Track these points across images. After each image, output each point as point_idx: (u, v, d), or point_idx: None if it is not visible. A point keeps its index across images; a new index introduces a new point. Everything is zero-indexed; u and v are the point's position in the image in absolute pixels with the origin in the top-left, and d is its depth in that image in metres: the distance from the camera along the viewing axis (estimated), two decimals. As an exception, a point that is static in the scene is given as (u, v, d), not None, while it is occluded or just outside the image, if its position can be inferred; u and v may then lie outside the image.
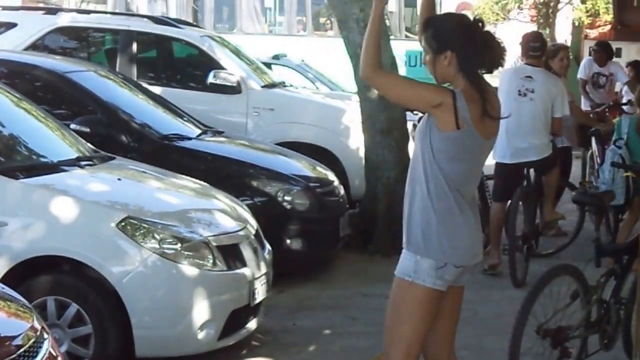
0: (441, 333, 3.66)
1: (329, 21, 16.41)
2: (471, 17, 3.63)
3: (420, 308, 3.51)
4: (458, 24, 3.56)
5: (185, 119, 7.44)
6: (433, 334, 3.62)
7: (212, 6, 15.88)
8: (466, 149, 3.50)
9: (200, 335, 4.69)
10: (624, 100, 10.71)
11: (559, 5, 20.77)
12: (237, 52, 9.38)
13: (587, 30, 17.93)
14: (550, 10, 21.15)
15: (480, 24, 3.55)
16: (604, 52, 10.83)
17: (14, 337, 3.09)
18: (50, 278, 4.68)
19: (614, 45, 16.90)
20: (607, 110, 9.94)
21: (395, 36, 16.57)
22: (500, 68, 3.64)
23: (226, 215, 5.27)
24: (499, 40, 3.56)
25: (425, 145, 3.49)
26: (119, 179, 5.34)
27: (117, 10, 14.74)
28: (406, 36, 15.98)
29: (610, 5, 16.29)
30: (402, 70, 12.45)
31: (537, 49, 7.16)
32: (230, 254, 4.93)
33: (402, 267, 3.54)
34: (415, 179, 3.53)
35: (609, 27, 17.75)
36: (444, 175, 3.47)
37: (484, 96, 3.50)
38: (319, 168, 7.38)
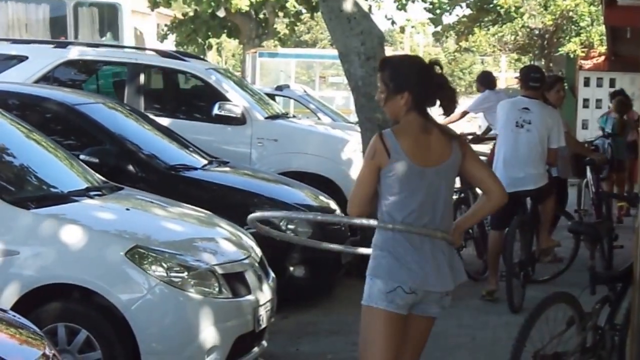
0: None
1: None
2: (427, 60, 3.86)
3: (380, 331, 3.69)
4: (415, 67, 3.79)
5: (191, 149, 7.55)
6: None
7: None
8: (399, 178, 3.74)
9: (207, 360, 4.77)
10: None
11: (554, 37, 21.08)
12: (241, 84, 9.56)
13: (582, 61, 18.16)
14: (546, 42, 21.42)
15: (436, 66, 3.77)
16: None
17: (27, 364, 3.13)
18: (61, 305, 4.75)
19: (608, 75, 17.17)
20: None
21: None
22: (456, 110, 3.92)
23: (231, 243, 5.35)
24: (452, 85, 3.82)
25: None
26: (127, 209, 5.43)
27: None
28: None
29: (604, 37, 16.53)
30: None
31: (538, 79, 7.29)
32: (236, 282, 5.01)
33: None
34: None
35: (603, 58, 17.98)
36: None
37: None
38: (321, 197, 7.50)
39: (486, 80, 10.56)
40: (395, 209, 3.76)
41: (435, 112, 3.85)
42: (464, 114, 10.15)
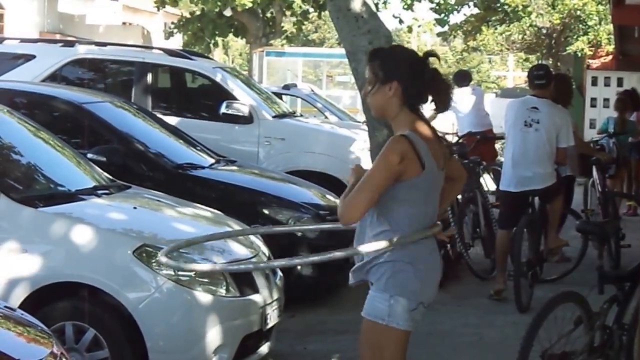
0: None
1: None
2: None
3: (399, 353, 3.56)
4: (407, 56, 3.52)
5: (199, 148, 7.57)
6: None
7: None
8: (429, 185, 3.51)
9: (214, 359, 4.78)
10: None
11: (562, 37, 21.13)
12: (248, 83, 9.56)
13: (590, 61, 18.17)
14: (553, 41, 21.43)
15: (431, 58, 3.50)
16: None
17: (35, 362, 3.14)
18: (68, 304, 4.76)
19: (616, 74, 17.18)
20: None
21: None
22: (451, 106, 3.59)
23: (239, 242, 5.35)
24: (445, 78, 3.52)
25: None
26: (134, 208, 5.43)
27: None
28: None
29: (612, 36, 16.54)
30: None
31: (542, 76, 7.30)
32: (243, 281, 5.00)
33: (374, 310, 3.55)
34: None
35: (610, 57, 17.98)
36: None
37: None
38: (328, 196, 7.50)
39: (455, 79, 10.65)
40: (418, 220, 3.48)
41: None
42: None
